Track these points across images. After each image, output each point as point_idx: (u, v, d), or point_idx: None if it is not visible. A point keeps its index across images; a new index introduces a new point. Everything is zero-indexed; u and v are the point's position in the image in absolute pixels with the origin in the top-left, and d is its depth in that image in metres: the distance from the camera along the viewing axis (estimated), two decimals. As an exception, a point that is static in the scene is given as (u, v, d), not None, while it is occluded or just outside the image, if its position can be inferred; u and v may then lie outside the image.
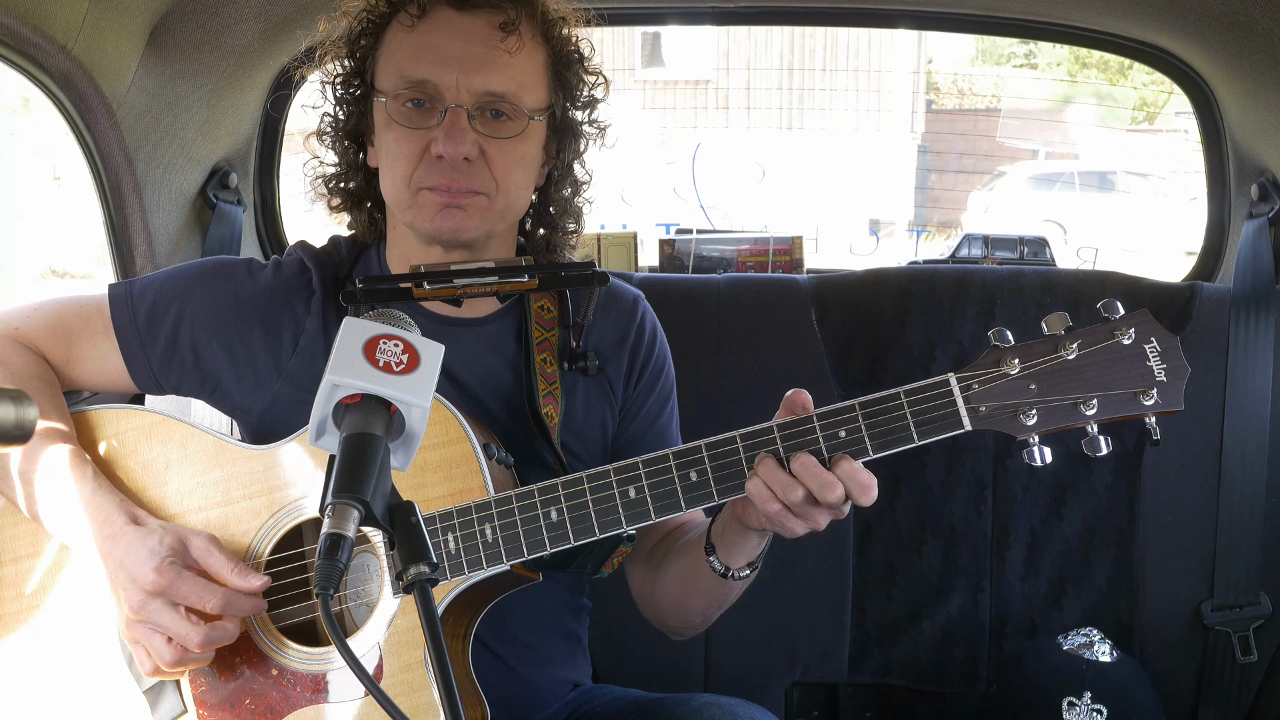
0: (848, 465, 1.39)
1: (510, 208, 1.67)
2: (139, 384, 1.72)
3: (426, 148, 1.59)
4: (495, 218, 1.65)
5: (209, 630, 1.46)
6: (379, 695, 1.07)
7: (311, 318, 1.69)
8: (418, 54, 1.60)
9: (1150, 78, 11.47)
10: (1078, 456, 1.46)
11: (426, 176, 1.60)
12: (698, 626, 1.75)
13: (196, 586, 1.46)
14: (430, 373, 1.22)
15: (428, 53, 1.59)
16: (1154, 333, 1.40)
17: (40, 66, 2.00)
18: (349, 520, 1.12)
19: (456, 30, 1.60)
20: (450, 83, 1.58)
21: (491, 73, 1.59)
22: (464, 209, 1.61)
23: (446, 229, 1.61)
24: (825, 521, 1.42)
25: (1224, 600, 2.39)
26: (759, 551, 1.56)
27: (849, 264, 3.14)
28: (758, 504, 1.41)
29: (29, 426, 1.00)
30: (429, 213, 1.61)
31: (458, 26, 1.60)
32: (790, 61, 13.36)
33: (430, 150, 1.59)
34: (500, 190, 1.62)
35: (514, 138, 1.61)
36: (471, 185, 1.60)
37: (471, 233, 1.63)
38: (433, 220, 1.61)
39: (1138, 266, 2.85)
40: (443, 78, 1.58)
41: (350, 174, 1.75)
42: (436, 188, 1.59)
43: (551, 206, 1.78)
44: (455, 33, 1.60)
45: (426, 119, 1.60)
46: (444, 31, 1.60)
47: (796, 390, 1.45)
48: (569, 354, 1.72)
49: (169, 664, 1.49)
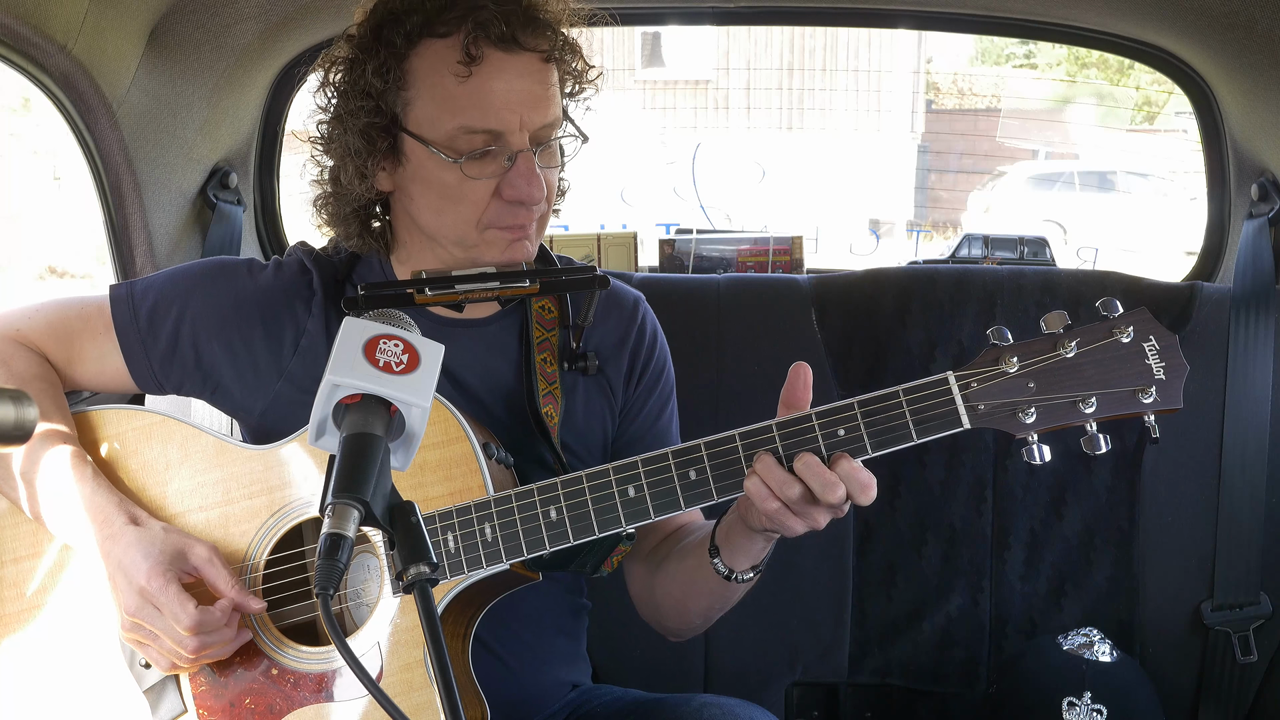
0: (847, 464, 1.39)
1: (551, 213, 1.70)
2: (140, 384, 1.72)
3: (495, 190, 1.58)
4: (542, 230, 1.69)
5: (204, 637, 1.47)
6: (379, 695, 1.07)
7: (312, 318, 1.69)
8: (479, 104, 1.55)
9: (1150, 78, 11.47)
10: (1077, 456, 1.47)
11: (500, 218, 1.60)
12: (698, 628, 1.75)
13: (173, 602, 1.46)
14: (430, 373, 1.22)
15: (490, 102, 1.55)
16: (1153, 331, 1.40)
17: (40, 66, 2.00)
18: (349, 520, 1.12)
19: (511, 75, 1.56)
20: (514, 126, 1.56)
21: (547, 108, 1.59)
22: (527, 240, 1.64)
23: (516, 260, 1.64)
24: (825, 520, 1.42)
25: (1224, 600, 2.39)
26: (763, 555, 1.56)
27: (849, 264, 3.14)
28: (756, 502, 1.41)
29: (29, 426, 1.00)
30: (498, 248, 1.62)
31: (511, 70, 1.56)
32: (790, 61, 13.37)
33: (502, 194, 1.58)
34: (550, 205, 1.67)
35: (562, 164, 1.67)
36: (537, 215, 1.63)
37: (529, 256, 1.66)
38: (503, 254, 1.63)
39: (1138, 266, 2.84)
40: (508, 123, 1.56)
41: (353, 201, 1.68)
42: (511, 227, 1.61)
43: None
44: (512, 78, 1.56)
45: (491, 164, 1.57)
46: (501, 78, 1.56)
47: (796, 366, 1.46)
48: (569, 354, 1.72)
49: (184, 662, 1.50)
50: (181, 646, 1.47)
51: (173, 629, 1.47)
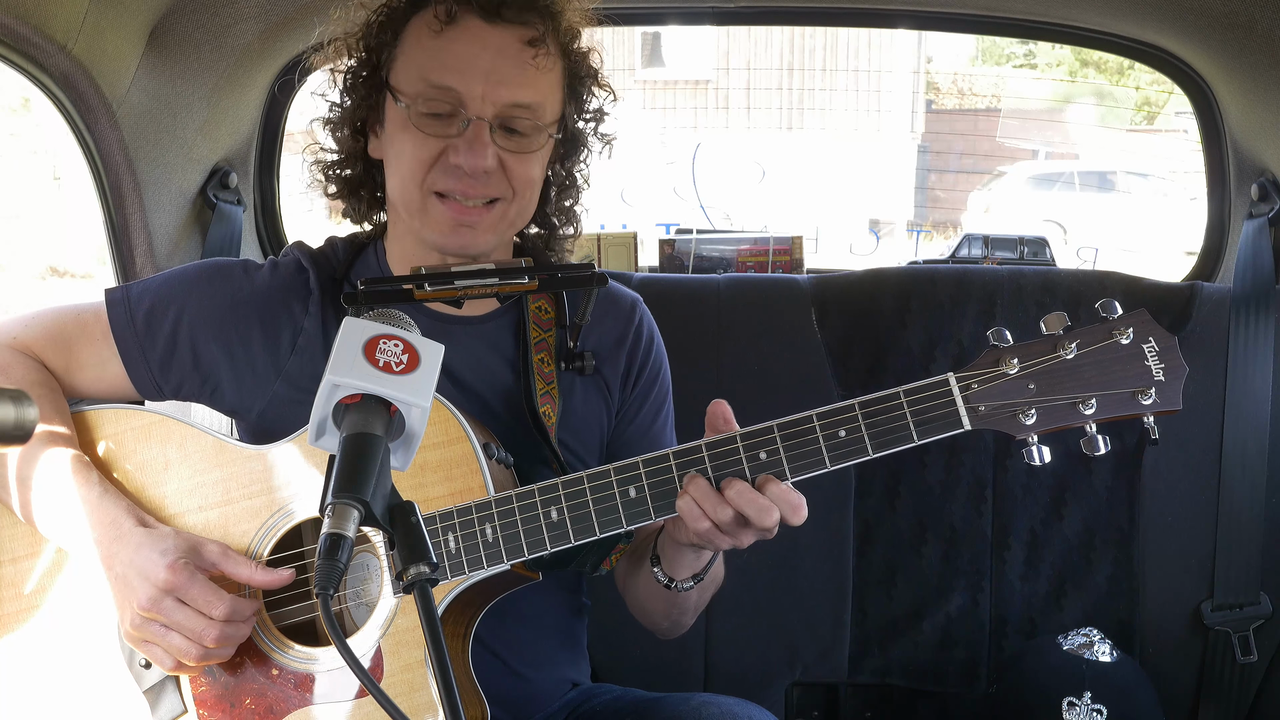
0: (775, 487, 1.40)
1: (522, 214, 1.68)
2: (139, 389, 1.72)
3: (443, 153, 1.59)
4: (506, 226, 1.66)
5: (224, 626, 1.47)
6: (379, 695, 1.07)
7: (309, 318, 1.69)
8: (444, 61, 1.58)
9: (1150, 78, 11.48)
10: (1077, 457, 1.47)
11: (440, 180, 1.60)
12: (667, 631, 1.76)
13: (205, 591, 1.46)
14: (430, 373, 1.22)
15: (454, 60, 1.58)
16: (1152, 332, 1.40)
17: (40, 66, 2.00)
18: (349, 520, 1.12)
19: (485, 42, 1.58)
20: (475, 94, 1.57)
21: (518, 87, 1.59)
22: (474, 227, 1.62)
23: (454, 245, 1.63)
24: (749, 541, 1.45)
25: (1224, 600, 2.39)
26: (702, 565, 1.57)
27: (849, 264, 3.13)
28: (688, 521, 1.43)
29: (29, 426, 1.00)
30: (441, 227, 1.62)
31: (487, 39, 1.58)
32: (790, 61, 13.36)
33: (448, 157, 1.59)
34: (516, 197, 1.64)
35: (532, 151, 1.63)
36: (487, 192, 1.61)
37: (480, 248, 1.65)
38: (444, 237, 1.62)
39: (1138, 266, 2.84)
40: (468, 88, 1.57)
41: (350, 162, 1.74)
42: (450, 193, 1.60)
43: (549, 209, 1.78)
44: (484, 44, 1.58)
45: (446, 127, 1.59)
46: (473, 42, 1.58)
47: (714, 403, 1.47)
48: (566, 354, 1.73)
49: (194, 659, 1.49)
50: (200, 640, 1.46)
51: (195, 620, 1.46)
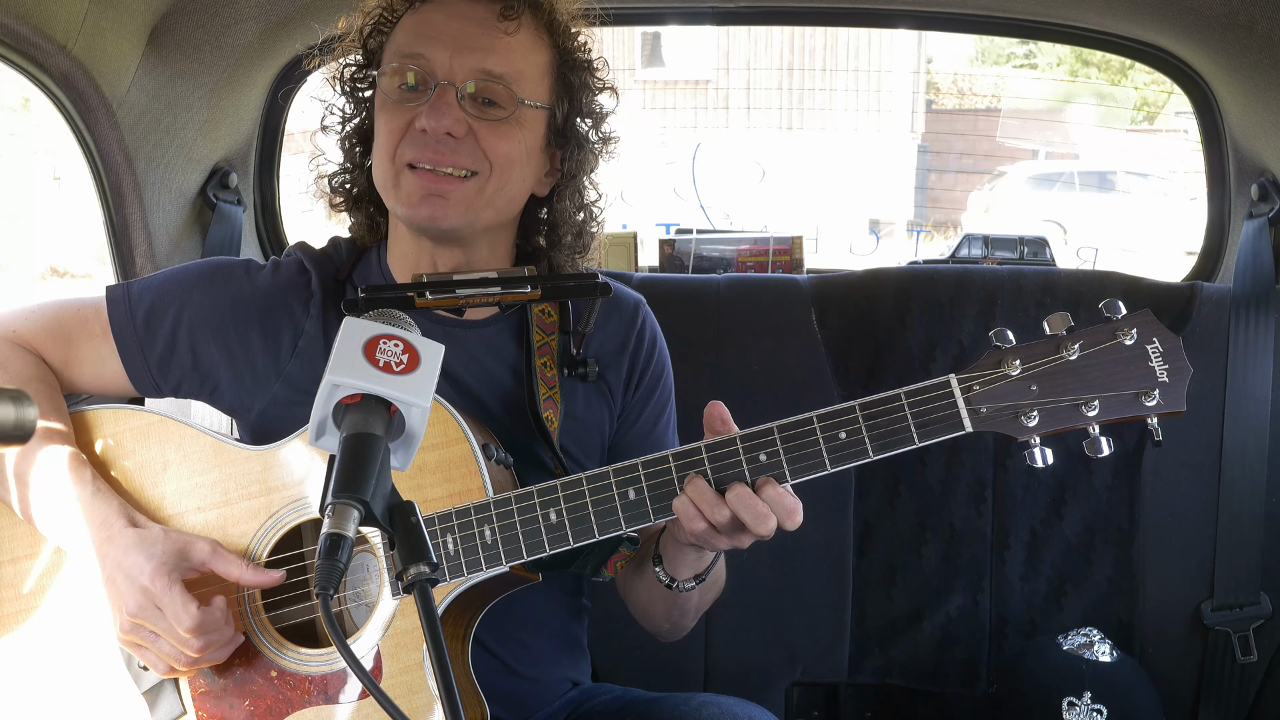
0: (772, 490, 1.40)
1: (502, 191, 1.62)
2: (138, 386, 1.71)
3: (411, 122, 1.58)
4: (483, 204, 1.61)
5: (206, 637, 1.46)
6: (379, 696, 1.07)
7: (310, 319, 1.69)
8: (415, 31, 1.61)
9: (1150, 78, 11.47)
10: (1078, 456, 1.46)
11: (409, 150, 1.58)
12: (668, 633, 1.75)
13: (175, 603, 1.45)
14: (430, 373, 1.22)
15: (424, 29, 1.61)
16: (1156, 333, 1.39)
17: (40, 66, 2.00)
18: (349, 520, 1.12)
19: (456, 11, 1.61)
20: (443, 60, 1.58)
21: (487, 54, 1.58)
22: (445, 198, 1.58)
23: (423, 216, 1.59)
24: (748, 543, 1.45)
25: (1224, 600, 2.39)
26: (704, 565, 1.57)
27: (849, 264, 3.13)
28: (684, 522, 1.43)
29: (29, 426, 1.00)
30: (411, 198, 1.59)
31: (458, 8, 1.61)
32: (790, 61, 13.35)
33: (414, 124, 1.58)
34: (494, 171, 1.60)
35: (505, 120, 1.59)
36: (458, 161, 1.58)
37: (451, 221, 1.60)
38: (413, 208, 1.59)
39: (1138, 266, 2.84)
40: (436, 54, 1.58)
41: (354, 175, 1.74)
42: (419, 162, 1.58)
43: (553, 218, 1.75)
44: (454, 13, 1.60)
45: (416, 96, 1.59)
46: (443, 11, 1.61)
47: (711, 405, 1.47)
48: (569, 360, 1.71)
49: (183, 665, 1.49)
50: (185, 648, 1.47)
51: (174, 630, 1.46)
